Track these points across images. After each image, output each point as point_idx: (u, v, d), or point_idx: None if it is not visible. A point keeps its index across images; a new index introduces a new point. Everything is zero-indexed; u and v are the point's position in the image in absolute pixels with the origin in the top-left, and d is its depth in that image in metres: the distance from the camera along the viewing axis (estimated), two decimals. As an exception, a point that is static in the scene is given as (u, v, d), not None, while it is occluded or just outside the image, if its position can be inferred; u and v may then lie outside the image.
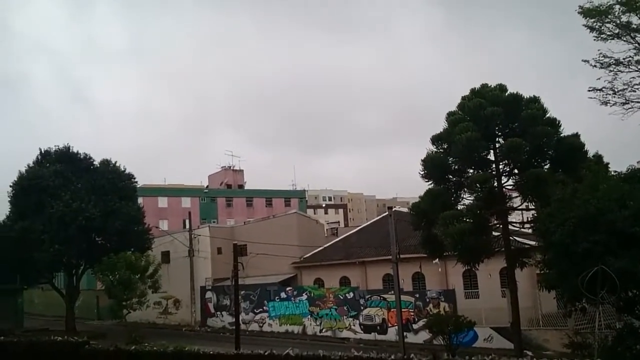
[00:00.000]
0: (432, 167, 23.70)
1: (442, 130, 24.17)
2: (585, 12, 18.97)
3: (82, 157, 41.15)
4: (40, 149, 41.07)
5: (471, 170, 23.53)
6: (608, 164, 20.35)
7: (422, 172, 23.99)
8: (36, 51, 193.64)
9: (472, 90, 24.31)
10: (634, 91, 18.99)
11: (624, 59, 18.84)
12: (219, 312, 42.11)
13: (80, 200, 36.78)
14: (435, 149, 24.25)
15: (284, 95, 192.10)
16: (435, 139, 24.26)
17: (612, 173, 18.12)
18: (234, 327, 28.39)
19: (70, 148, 41.13)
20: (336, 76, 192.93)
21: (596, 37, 19.19)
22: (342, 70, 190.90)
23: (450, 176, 24.06)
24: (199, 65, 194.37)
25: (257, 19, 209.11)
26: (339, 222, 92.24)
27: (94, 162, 41.16)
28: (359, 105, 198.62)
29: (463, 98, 24.26)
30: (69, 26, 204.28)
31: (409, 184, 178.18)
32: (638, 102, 18.98)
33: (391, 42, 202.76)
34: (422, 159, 23.96)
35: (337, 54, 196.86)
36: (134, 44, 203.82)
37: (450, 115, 24.06)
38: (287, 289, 38.99)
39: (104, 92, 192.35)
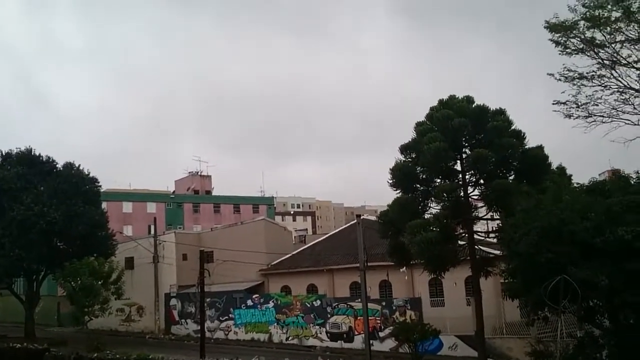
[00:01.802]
0: (400, 176, 23.87)
1: (410, 140, 24.38)
2: (552, 27, 19.43)
3: (44, 159, 40.24)
4: (0, 151, 40.09)
5: (438, 180, 23.78)
6: (571, 175, 20.88)
7: (391, 181, 24.14)
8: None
9: (440, 101, 24.62)
10: (597, 105, 19.49)
11: (587, 73, 19.33)
12: (183, 320, 41.56)
13: (42, 204, 35.94)
14: (403, 159, 24.44)
15: (250, 102, 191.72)
16: (404, 149, 24.46)
17: (575, 185, 18.54)
18: (198, 335, 28.06)
19: (33, 150, 40.23)
20: (302, 85, 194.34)
21: (561, 51, 19.66)
22: (308, 79, 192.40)
23: (418, 185, 24.26)
24: (162, 69, 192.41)
25: (223, 24, 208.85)
26: (306, 229, 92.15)
27: (57, 165, 40.29)
28: (326, 113, 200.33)
29: (431, 109, 24.54)
30: (24, 23, 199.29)
31: (377, 193, 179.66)
32: (600, 115, 19.48)
33: (356, 52, 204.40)
34: (391, 168, 24.11)
35: (304, 63, 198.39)
36: (94, 46, 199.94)
37: (418, 125, 24.30)
38: (254, 296, 38.72)
39: (63, 93, 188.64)
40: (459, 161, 23.82)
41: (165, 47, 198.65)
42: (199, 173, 76.42)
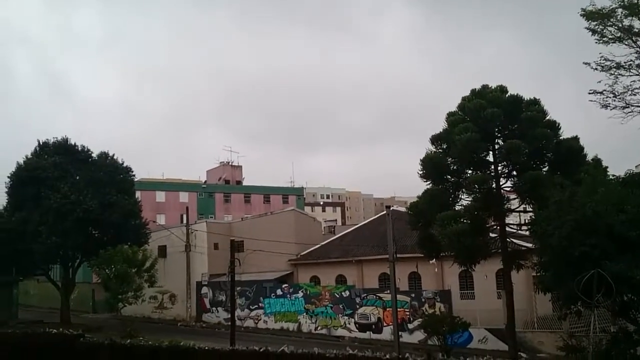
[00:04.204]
0: (430, 167, 23.69)
1: (441, 131, 24.18)
2: (588, 15, 18.95)
3: (80, 149, 41.08)
4: (38, 140, 41.00)
5: (470, 171, 23.54)
6: (606, 167, 20.37)
7: (421, 172, 23.98)
8: (14, 42, 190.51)
9: (473, 91, 24.31)
10: (634, 95, 18.98)
11: (625, 62, 18.82)
12: (214, 308, 42.08)
13: (78, 192, 36.71)
14: (434, 149, 24.26)
15: (275, 94, 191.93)
16: (435, 139, 24.26)
17: (611, 177, 18.13)
18: (229, 323, 28.41)
19: (68, 140, 41.09)
20: (327, 75, 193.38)
21: (598, 40, 19.18)
22: (330, 69, 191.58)
23: (449, 176, 24.07)
24: (184, 62, 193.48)
25: (242, 17, 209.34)
26: (336, 220, 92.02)
27: (92, 155, 41.10)
28: (352, 103, 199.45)
29: (463, 99, 24.25)
30: (47, 17, 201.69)
31: (407, 183, 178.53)
32: (638, 106, 18.97)
33: (376, 41, 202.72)
34: (421, 158, 23.95)
35: (324, 54, 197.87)
36: (116, 39, 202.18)
37: (450, 115, 24.06)
38: (283, 286, 38.98)
39: (86, 85, 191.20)
40: (491, 152, 23.54)
41: (186, 40, 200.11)
42: (230, 163, 77.09)
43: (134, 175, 42.49)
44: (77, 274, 42.80)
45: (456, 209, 23.18)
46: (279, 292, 38.48)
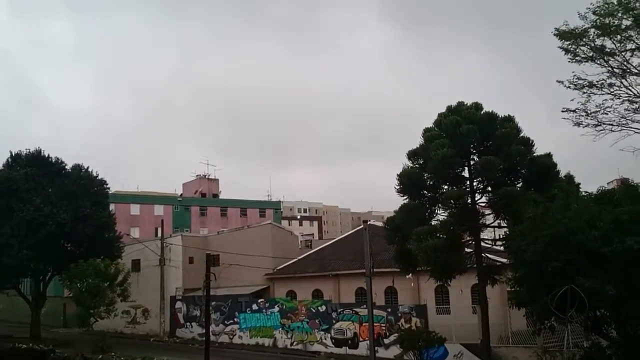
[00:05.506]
0: (407, 182, 23.85)
1: (418, 146, 24.40)
2: (561, 35, 19.36)
3: (53, 161, 40.45)
4: (10, 152, 40.35)
5: (446, 187, 23.76)
6: (579, 184, 20.72)
7: (398, 187, 24.12)
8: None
9: (449, 108, 24.62)
10: (606, 114, 19.38)
11: (597, 81, 19.24)
12: (188, 323, 41.53)
13: (51, 205, 36.09)
14: (411, 164, 24.44)
15: (253, 107, 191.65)
16: (411, 155, 24.45)
17: (583, 193, 18.43)
18: (203, 339, 28.06)
19: (42, 151, 40.45)
20: (304, 90, 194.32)
21: (571, 59, 19.59)
22: (310, 84, 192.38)
23: (425, 191, 24.24)
24: (161, 74, 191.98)
25: (219, 28, 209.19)
26: (313, 234, 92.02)
27: (66, 167, 40.48)
28: (330, 118, 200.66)
29: (439, 115, 24.54)
30: (15, 26, 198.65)
31: (384, 198, 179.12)
32: (610, 124, 19.37)
33: (353, 59, 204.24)
34: (398, 173, 24.11)
35: (305, 68, 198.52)
36: (90, 50, 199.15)
37: (426, 131, 24.30)
38: (259, 300, 38.66)
39: (60, 96, 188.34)
40: (466, 168, 23.79)
41: (162, 52, 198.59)
42: (206, 176, 76.64)
43: (108, 188, 41.95)
44: (48, 287, 41.92)
45: (432, 223, 23.33)
46: (254, 306, 38.15)
